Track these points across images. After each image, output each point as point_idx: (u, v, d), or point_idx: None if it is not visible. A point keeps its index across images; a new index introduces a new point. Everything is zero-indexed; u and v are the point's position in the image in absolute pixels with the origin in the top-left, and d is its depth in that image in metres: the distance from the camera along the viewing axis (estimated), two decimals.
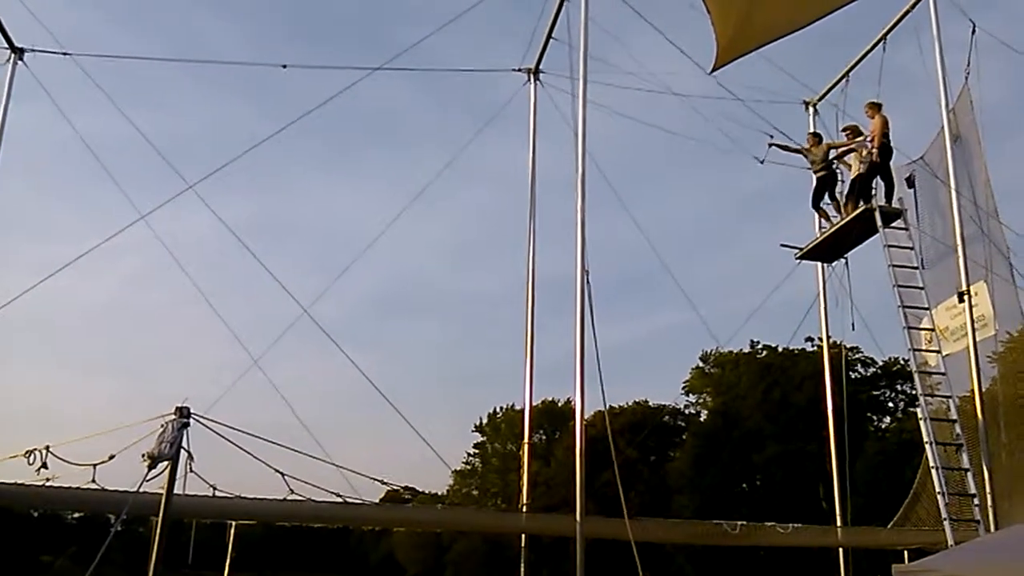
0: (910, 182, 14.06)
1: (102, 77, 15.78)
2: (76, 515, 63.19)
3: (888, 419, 44.39)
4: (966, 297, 12.26)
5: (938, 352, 12.32)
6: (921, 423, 11.40)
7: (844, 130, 14.53)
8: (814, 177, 14.76)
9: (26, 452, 9.17)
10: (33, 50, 15.69)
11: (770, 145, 14.93)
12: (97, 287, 79.13)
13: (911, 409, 39.24)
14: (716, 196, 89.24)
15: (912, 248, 12.89)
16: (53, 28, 15.75)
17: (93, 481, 9.45)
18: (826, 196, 14.68)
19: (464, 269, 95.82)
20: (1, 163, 15.55)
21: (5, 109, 15.58)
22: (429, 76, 16.73)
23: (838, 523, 15.82)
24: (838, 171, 14.59)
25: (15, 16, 15.46)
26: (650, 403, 50.99)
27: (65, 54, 15.62)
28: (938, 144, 13.74)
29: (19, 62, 15.61)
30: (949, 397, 11.71)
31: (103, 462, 9.09)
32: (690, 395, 50.06)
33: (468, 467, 58.34)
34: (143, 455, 8.07)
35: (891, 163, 13.60)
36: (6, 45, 15.51)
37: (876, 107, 13.76)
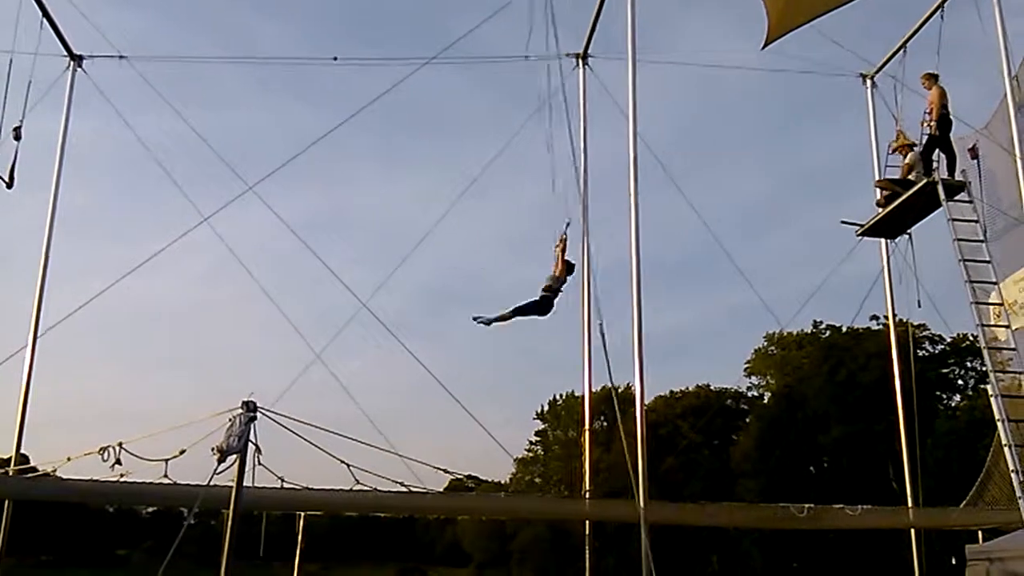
0: (973, 153, 13.68)
1: (159, 80, 16.09)
2: (150, 509, 64.91)
3: (958, 397, 43.38)
4: None
5: (1007, 327, 11.98)
6: (992, 400, 11.11)
7: (893, 152, 14.19)
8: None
9: (100, 449, 9.46)
10: (91, 56, 16.08)
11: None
12: (165, 288, 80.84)
13: (982, 386, 38.32)
14: (773, 173, 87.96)
15: (977, 221, 12.52)
16: (109, 33, 16.14)
17: (165, 476, 9.72)
18: None
19: (520, 257, 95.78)
20: (65, 169, 16.01)
21: (67, 116, 16.03)
22: (480, 66, 16.75)
23: (909, 504, 15.53)
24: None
25: (72, 24, 15.86)
26: (712, 387, 50.67)
27: (122, 58, 15.98)
28: (1001, 113, 13.35)
29: (78, 69, 16.04)
30: (1021, 373, 11.42)
31: (174, 457, 9.34)
32: (752, 377, 49.53)
33: (530, 455, 58.52)
34: (212, 449, 8.26)
35: (951, 135, 13.25)
36: (65, 53, 15.94)
37: (933, 78, 13.37)
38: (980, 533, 14.13)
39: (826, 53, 15.99)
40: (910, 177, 13.47)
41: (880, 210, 14.23)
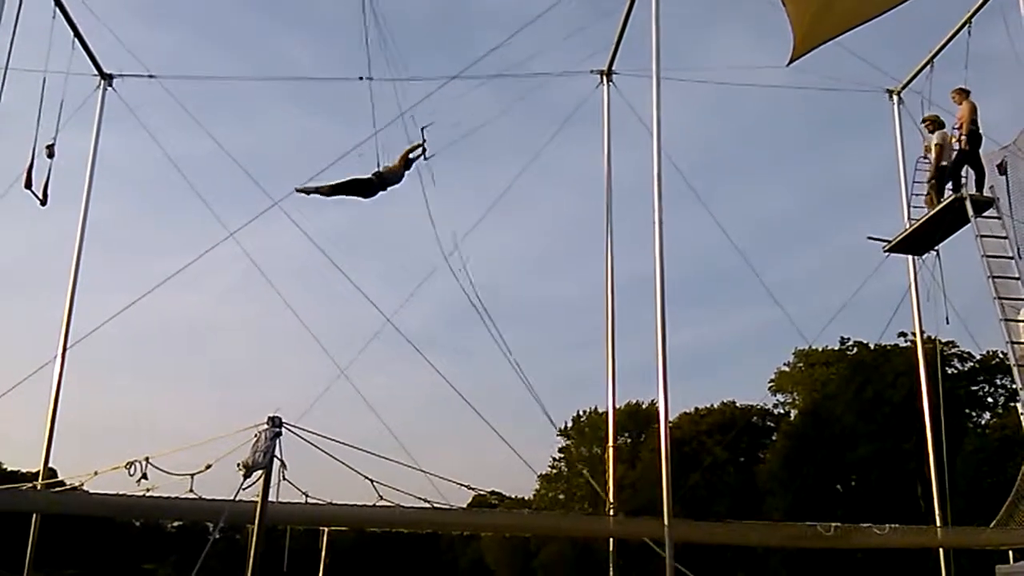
0: (1002, 169, 13.56)
1: (188, 98, 16.33)
2: (176, 524, 65.25)
3: (988, 415, 42.73)
4: None
5: None
6: (1022, 418, 10.98)
7: (924, 121, 14.13)
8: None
9: (127, 464, 9.55)
10: (121, 75, 16.33)
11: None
12: (192, 302, 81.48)
13: (1012, 404, 37.74)
14: (799, 189, 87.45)
15: (1006, 237, 12.41)
16: (138, 52, 16.40)
17: (191, 491, 9.78)
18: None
19: (545, 273, 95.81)
20: (95, 185, 16.23)
21: (97, 133, 16.28)
22: (505, 82, 16.84)
23: (937, 523, 15.33)
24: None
25: (102, 44, 16.12)
26: (737, 404, 50.24)
27: (151, 77, 16.21)
28: None
29: (108, 88, 16.28)
30: None
31: (200, 472, 9.40)
32: (778, 394, 49.09)
33: (554, 471, 58.26)
34: (238, 464, 8.30)
35: (980, 150, 13.15)
36: (96, 72, 16.19)
37: (964, 93, 13.32)
38: (1011, 553, 13.91)
39: (852, 69, 15.97)
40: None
41: (907, 226, 14.15)
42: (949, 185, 13.31)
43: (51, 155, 14.70)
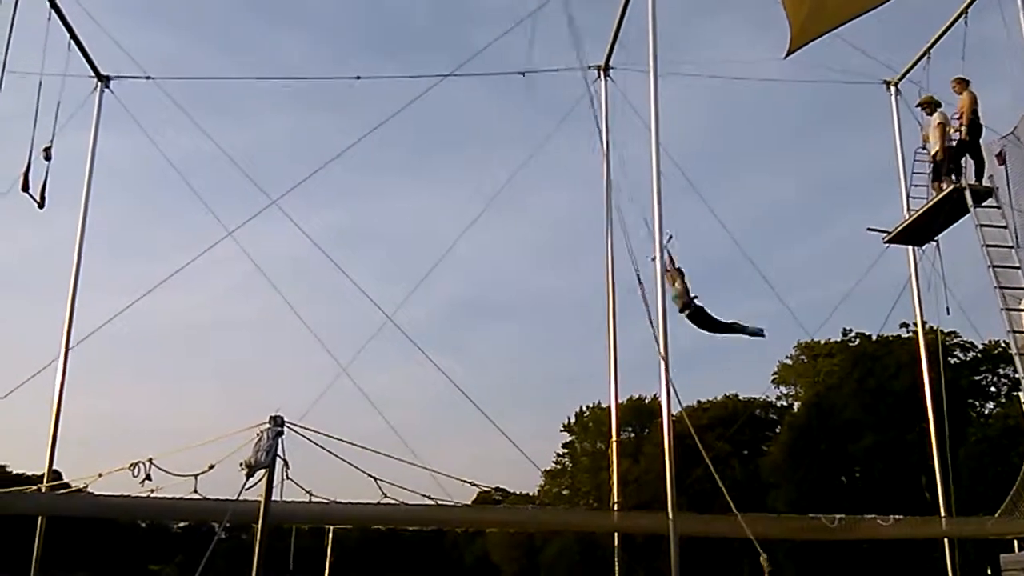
0: (1001, 158, 13.55)
1: (185, 98, 16.32)
2: (181, 524, 65.37)
3: (991, 404, 42.68)
4: None
5: None
6: None
7: (919, 104, 14.09)
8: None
9: (131, 465, 9.57)
10: (118, 76, 16.32)
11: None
12: (192, 303, 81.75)
13: (1015, 393, 37.72)
14: (799, 181, 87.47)
15: (1006, 227, 12.42)
16: (135, 53, 16.38)
17: (195, 491, 9.78)
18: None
19: (546, 269, 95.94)
20: (94, 187, 16.24)
21: (95, 135, 16.28)
22: (501, 78, 16.85)
23: (942, 513, 15.33)
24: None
25: (99, 45, 16.11)
26: (740, 397, 50.24)
27: (148, 78, 16.21)
28: None
29: (105, 90, 16.27)
30: None
31: (203, 472, 9.41)
32: (780, 387, 49.08)
33: (558, 467, 58.33)
34: (241, 464, 8.31)
35: (980, 140, 13.14)
36: (92, 74, 16.18)
37: (964, 83, 13.27)
38: (1016, 542, 13.92)
39: (850, 60, 15.96)
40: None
41: (907, 216, 14.13)
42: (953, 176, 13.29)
43: (48, 157, 14.68)
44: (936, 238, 14.68)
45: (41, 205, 14.56)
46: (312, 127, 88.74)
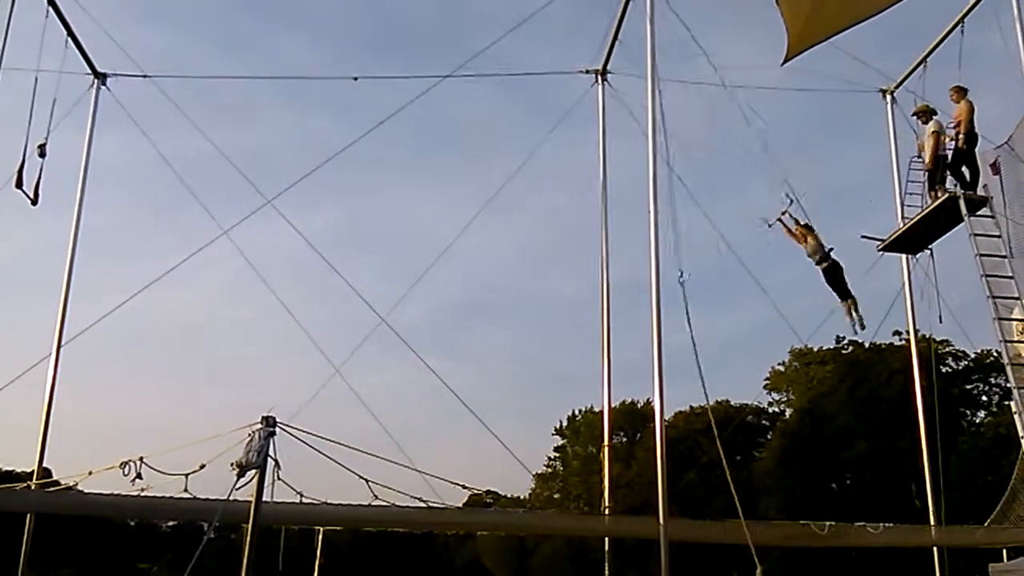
0: (995, 168, 13.59)
1: (182, 97, 16.31)
2: (171, 523, 65.06)
3: (983, 413, 42.77)
4: None
5: None
6: (1016, 417, 11.03)
7: (915, 113, 14.12)
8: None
9: (121, 463, 9.52)
10: (115, 74, 16.29)
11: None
12: (186, 302, 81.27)
13: (1006, 403, 37.82)
14: (794, 188, 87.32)
15: (1000, 236, 12.44)
16: (133, 51, 16.36)
17: (185, 490, 9.77)
18: None
19: (542, 272, 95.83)
20: (90, 184, 16.19)
21: (91, 133, 16.24)
22: (501, 81, 16.90)
23: (932, 522, 15.37)
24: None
25: (96, 42, 16.07)
26: (732, 403, 50.29)
27: (145, 77, 16.18)
28: (1023, 128, 13.25)
29: (102, 87, 16.24)
30: None
31: (194, 471, 9.38)
32: (773, 393, 49.12)
33: (549, 470, 58.26)
34: (232, 464, 8.27)
35: (976, 149, 13.17)
36: (89, 71, 16.14)
37: (962, 92, 13.27)
38: (1005, 551, 13.94)
39: (846, 69, 15.99)
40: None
41: (900, 224, 14.16)
42: (948, 183, 13.31)
43: (43, 155, 14.66)
44: (930, 247, 14.72)
45: (34, 202, 14.53)
46: (311, 127, 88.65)
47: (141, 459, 9.44)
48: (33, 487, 13.18)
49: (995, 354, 36.88)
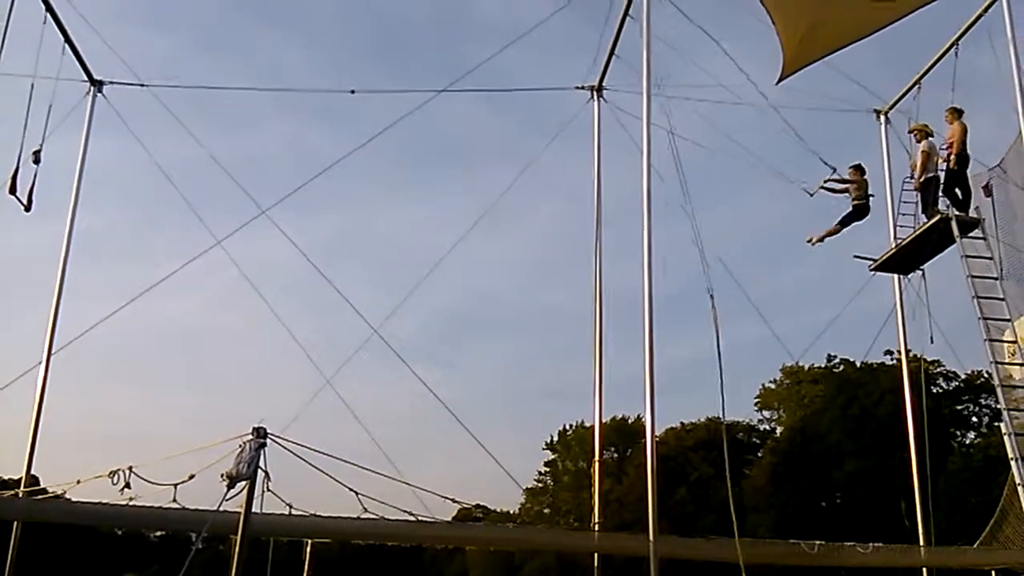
0: (987, 190, 13.68)
1: (178, 104, 16.30)
2: (158, 533, 64.70)
3: (973, 434, 42.89)
4: None
5: (1022, 365, 11.91)
6: (1005, 438, 11.03)
7: (912, 131, 14.22)
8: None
9: (110, 472, 9.46)
10: (111, 82, 16.28)
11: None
12: (178, 311, 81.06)
13: (996, 424, 37.90)
14: (788, 207, 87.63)
15: (991, 258, 12.51)
16: (130, 58, 16.36)
17: (174, 500, 9.69)
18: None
19: (534, 286, 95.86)
20: (84, 191, 16.16)
21: (86, 140, 16.22)
22: (497, 95, 17.01)
23: (921, 542, 15.37)
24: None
25: (93, 50, 16.08)
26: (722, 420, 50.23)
27: (142, 85, 16.18)
28: (1016, 150, 13.34)
29: (98, 94, 16.23)
30: None
31: (183, 482, 9.32)
32: (764, 411, 49.16)
33: (540, 485, 58.13)
34: (222, 475, 8.23)
35: (968, 171, 13.25)
36: (85, 78, 16.14)
37: (957, 113, 13.36)
38: (994, 573, 13.95)
39: (840, 89, 16.07)
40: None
41: (893, 245, 14.24)
42: (940, 204, 13.38)
43: (37, 161, 14.62)
44: (922, 267, 14.78)
45: (28, 208, 14.49)
46: (307, 137, 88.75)
47: (130, 468, 9.39)
48: (21, 495, 13.09)
49: (985, 375, 37.03)
